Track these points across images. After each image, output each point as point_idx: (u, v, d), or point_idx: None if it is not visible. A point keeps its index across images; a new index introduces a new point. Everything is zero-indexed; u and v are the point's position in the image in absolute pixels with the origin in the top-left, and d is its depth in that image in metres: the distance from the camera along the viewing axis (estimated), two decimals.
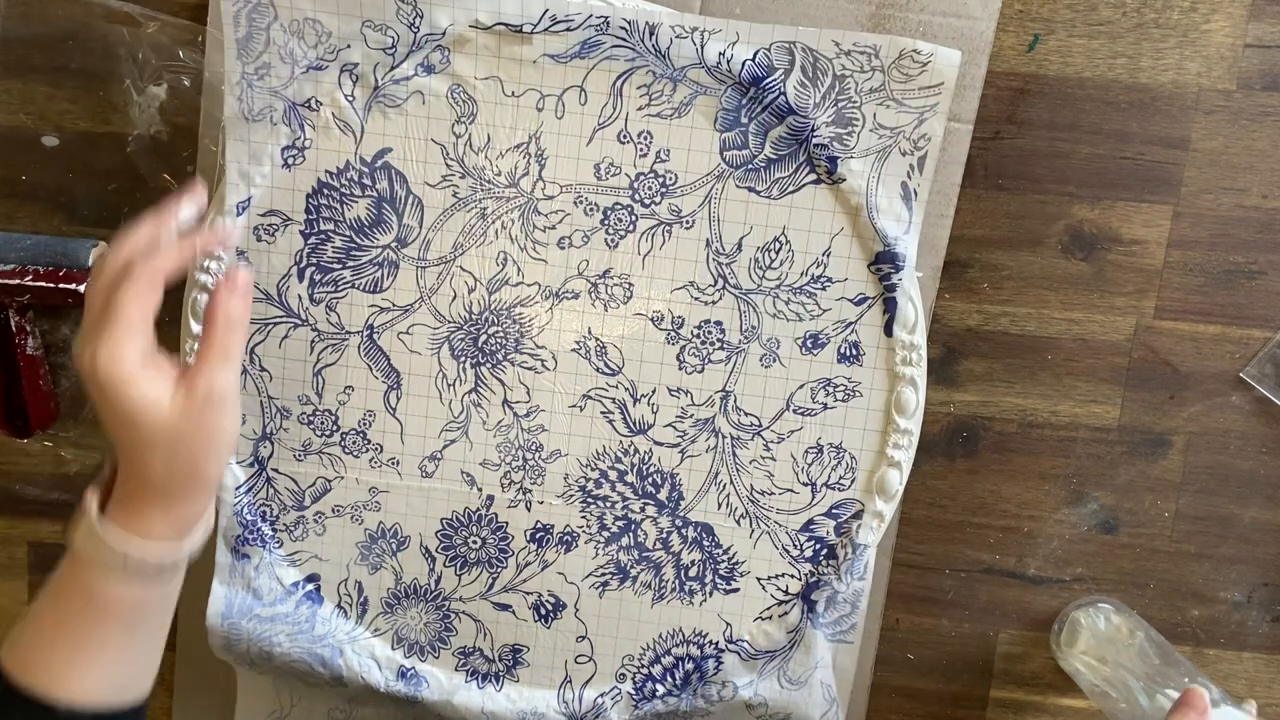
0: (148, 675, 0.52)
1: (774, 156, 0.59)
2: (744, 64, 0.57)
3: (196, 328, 0.61)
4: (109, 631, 0.49)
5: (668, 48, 0.57)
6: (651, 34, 0.57)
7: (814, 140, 0.58)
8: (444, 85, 0.59)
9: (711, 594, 0.65)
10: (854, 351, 0.61)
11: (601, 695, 0.66)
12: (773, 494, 0.63)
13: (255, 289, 0.61)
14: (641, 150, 0.59)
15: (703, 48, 0.57)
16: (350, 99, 0.59)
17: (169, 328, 0.64)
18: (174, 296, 0.63)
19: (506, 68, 0.58)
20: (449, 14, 0.57)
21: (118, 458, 0.49)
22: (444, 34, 0.57)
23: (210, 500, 0.51)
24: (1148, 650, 0.62)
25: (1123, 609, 0.66)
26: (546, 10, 0.57)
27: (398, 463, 0.63)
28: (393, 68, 0.58)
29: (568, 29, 0.57)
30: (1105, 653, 0.63)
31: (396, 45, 0.58)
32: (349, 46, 0.58)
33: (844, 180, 0.59)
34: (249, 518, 0.64)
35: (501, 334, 0.62)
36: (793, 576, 0.64)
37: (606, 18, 0.57)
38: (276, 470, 0.64)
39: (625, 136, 0.59)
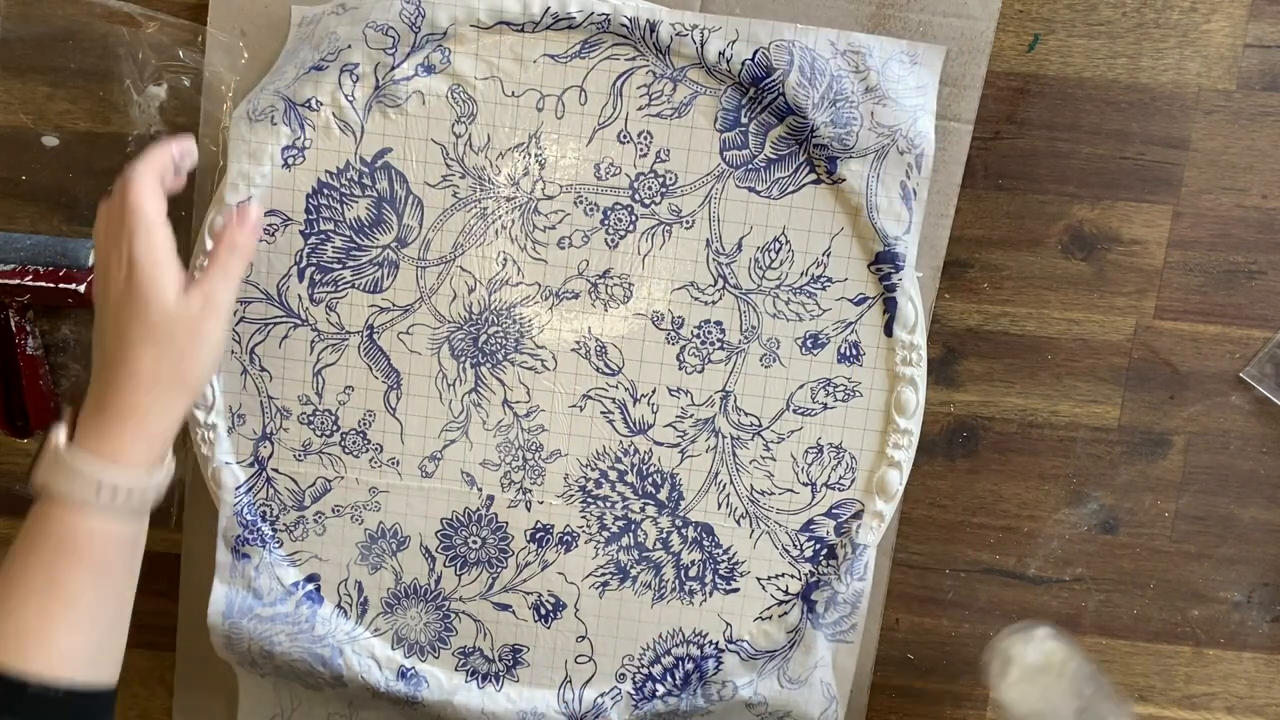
0: (115, 653, 0.51)
1: (774, 156, 0.59)
2: (744, 64, 0.57)
3: None
4: (80, 583, 0.48)
5: (668, 45, 0.57)
6: (652, 31, 0.57)
7: (814, 140, 0.58)
8: (444, 85, 0.59)
9: (711, 594, 0.65)
10: (854, 351, 0.61)
11: (601, 695, 0.66)
12: (773, 494, 0.63)
13: (255, 289, 0.61)
14: (641, 150, 0.59)
15: (702, 46, 0.57)
16: (350, 99, 0.59)
17: None
18: None
19: (506, 68, 0.58)
20: (450, 13, 0.57)
21: (98, 372, 0.51)
22: (445, 34, 0.57)
23: (180, 422, 0.52)
24: (1080, 681, 0.60)
25: (1058, 634, 0.63)
26: (548, 9, 0.57)
27: (398, 463, 0.63)
28: (393, 68, 0.58)
29: (569, 27, 0.57)
30: (1036, 684, 0.61)
31: (397, 45, 0.58)
32: (349, 47, 0.58)
33: (844, 180, 0.59)
34: (249, 518, 0.64)
35: (501, 334, 0.62)
36: (793, 576, 0.64)
37: (607, 15, 0.57)
38: (276, 470, 0.64)
39: (625, 136, 0.59)
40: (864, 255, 0.60)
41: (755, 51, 0.57)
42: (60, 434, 0.50)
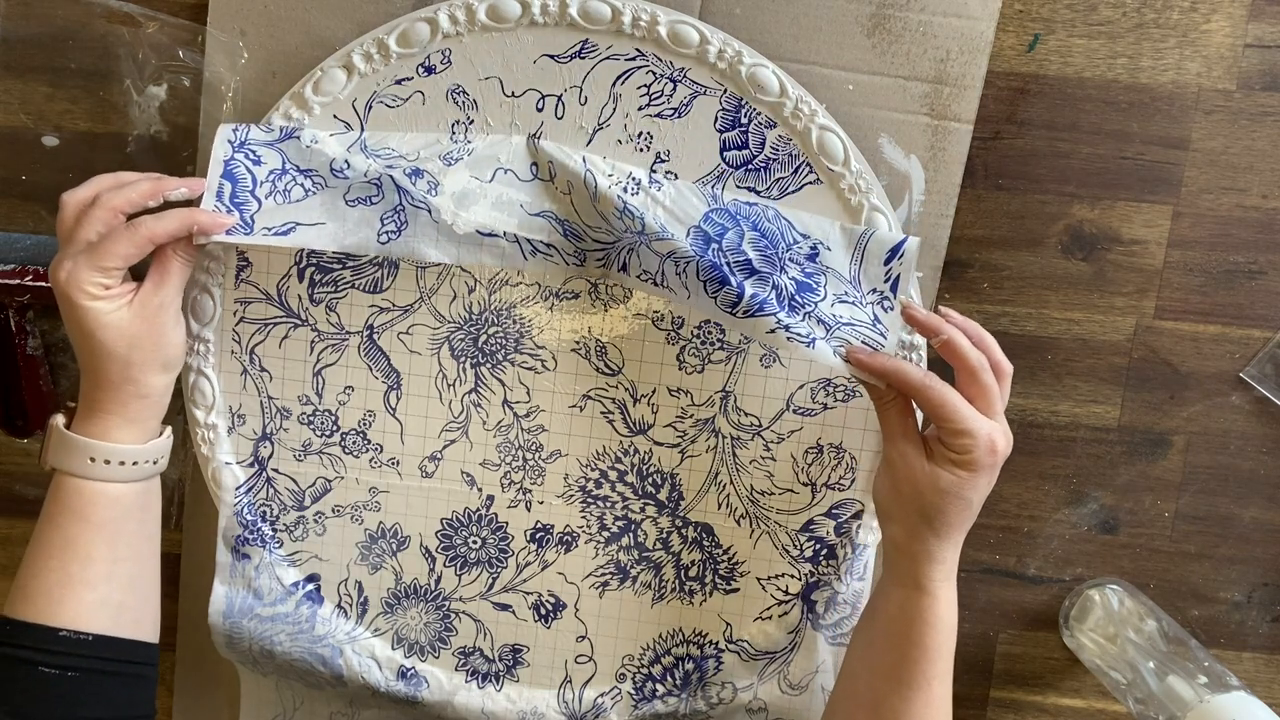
0: (141, 611, 0.56)
1: (774, 156, 0.59)
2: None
3: (196, 327, 0.61)
4: (91, 543, 0.54)
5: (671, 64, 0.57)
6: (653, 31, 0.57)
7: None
8: (444, 85, 0.59)
9: (711, 594, 0.65)
10: None
11: (601, 695, 0.66)
12: (773, 494, 0.63)
13: (255, 289, 0.61)
14: (641, 150, 0.59)
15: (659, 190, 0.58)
16: (350, 99, 0.59)
17: None
18: None
19: (507, 68, 0.58)
20: (450, 14, 0.57)
21: (80, 368, 0.55)
22: (444, 35, 0.57)
23: (161, 411, 0.57)
24: (1159, 635, 0.62)
25: (1136, 593, 0.66)
26: (547, 7, 0.57)
27: (398, 463, 0.63)
28: (392, 67, 0.58)
29: (569, 26, 0.57)
30: (1116, 632, 0.63)
31: (395, 48, 0.58)
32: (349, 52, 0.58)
33: (844, 179, 0.59)
34: (249, 518, 0.64)
35: (501, 334, 0.62)
36: (793, 576, 0.64)
37: (607, 17, 0.57)
38: (276, 470, 0.64)
39: (625, 137, 0.59)
40: None
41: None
42: (59, 419, 0.55)
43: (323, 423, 0.63)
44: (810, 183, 0.59)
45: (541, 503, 0.64)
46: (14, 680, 0.51)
